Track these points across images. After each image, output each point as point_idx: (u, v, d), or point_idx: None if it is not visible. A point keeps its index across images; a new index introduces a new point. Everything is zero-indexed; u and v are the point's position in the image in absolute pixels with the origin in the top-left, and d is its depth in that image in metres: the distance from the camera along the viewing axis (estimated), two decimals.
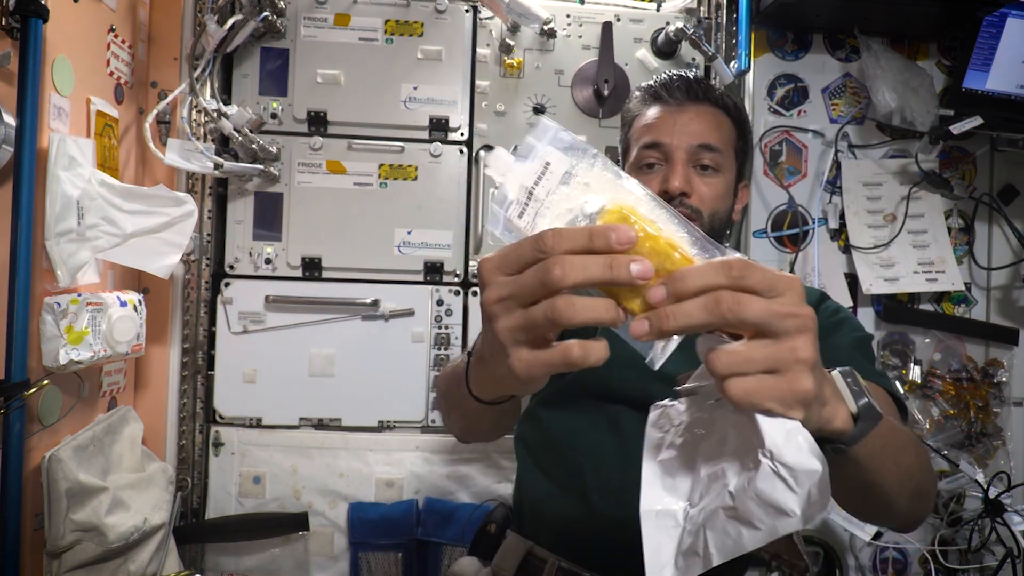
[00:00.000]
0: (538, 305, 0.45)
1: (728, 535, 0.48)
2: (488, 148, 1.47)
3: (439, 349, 1.45)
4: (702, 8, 1.55)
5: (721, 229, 1.01)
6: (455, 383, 0.80)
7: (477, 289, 1.46)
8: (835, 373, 0.58)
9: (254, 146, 1.35)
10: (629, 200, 0.48)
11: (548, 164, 0.48)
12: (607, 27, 1.48)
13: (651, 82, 1.05)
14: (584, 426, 0.97)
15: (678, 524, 0.53)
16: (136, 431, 1.27)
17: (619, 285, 0.44)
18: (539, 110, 1.48)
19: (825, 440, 0.54)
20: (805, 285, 1.10)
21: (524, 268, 0.45)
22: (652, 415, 0.57)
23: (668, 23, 1.49)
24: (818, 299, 1.01)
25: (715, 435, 0.53)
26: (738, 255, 0.45)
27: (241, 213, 1.42)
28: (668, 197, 0.96)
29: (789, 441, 0.48)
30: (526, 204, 0.48)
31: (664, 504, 0.54)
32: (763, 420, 0.49)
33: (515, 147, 1.46)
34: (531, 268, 0.45)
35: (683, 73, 1.03)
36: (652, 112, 1.01)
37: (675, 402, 0.55)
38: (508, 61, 1.48)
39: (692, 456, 0.54)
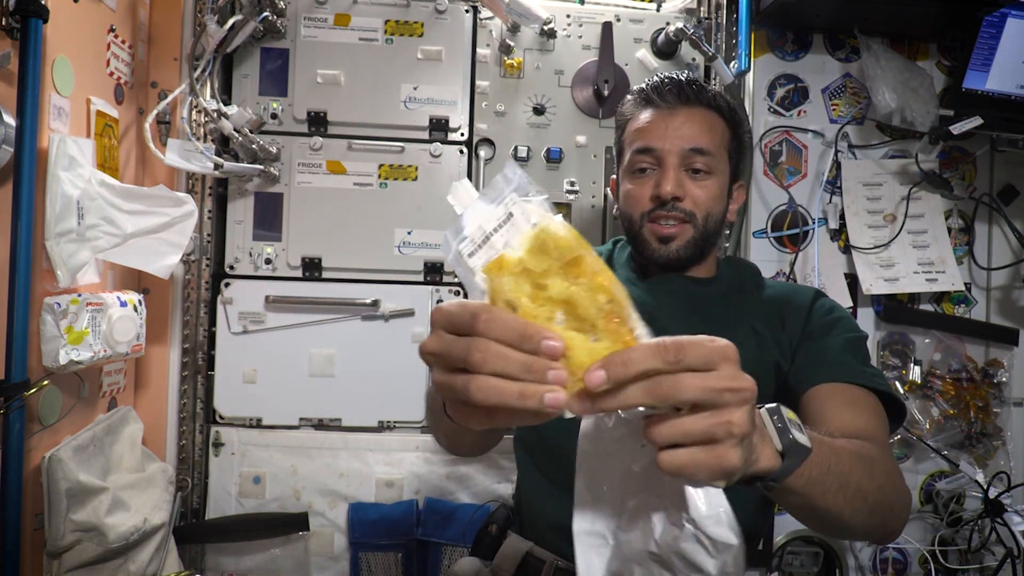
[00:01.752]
0: (460, 377, 0.45)
1: (652, 574, 0.53)
2: (485, 142, 1.47)
3: None
4: (702, 8, 1.55)
5: (716, 231, 1.01)
6: (436, 400, 0.80)
7: None
8: (762, 411, 0.58)
9: (254, 146, 1.35)
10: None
11: (511, 215, 0.49)
12: (607, 27, 1.48)
13: (643, 85, 1.04)
14: (578, 426, 0.98)
15: (607, 543, 0.55)
16: (136, 431, 1.27)
17: (531, 389, 0.44)
18: (539, 110, 1.48)
19: (755, 478, 0.55)
20: (803, 285, 1.11)
21: (460, 333, 0.46)
22: (584, 425, 0.57)
23: (668, 23, 1.49)
24: (812, 297, 1.01)
25: (641, 469, 0.54)
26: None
27: (241, 213, 1.42)
28: (660, 201, 0.97)
29: (711, 512, 0.51)
30: (480, 246, 0.49)
31: (593, 524, 0.56)
32: (689, 487, 0.52)
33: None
34: (461, 340, 0.46)
35: (675, 75, 1.03)
36: (644, 116, 1.01)
37: (604, 416, 0.55)
38: (508, 61, 1.48)
39: (619, 482, 0.55)
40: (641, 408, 0.47)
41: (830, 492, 0.63)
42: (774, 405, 0.59)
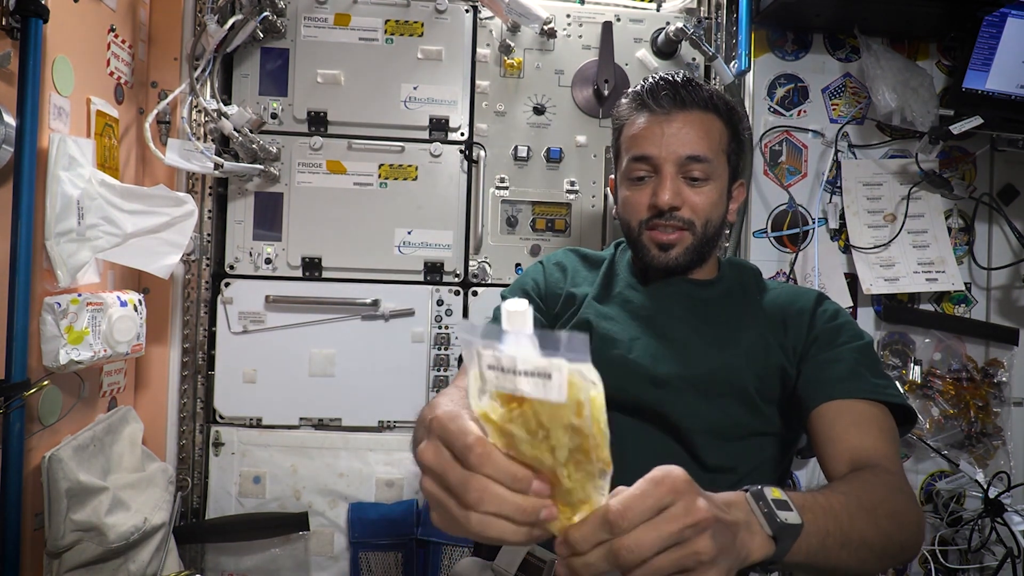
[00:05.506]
0: (458, 508, 0.48)
1: None
2: (479, 146, 1.47)
3: (439, 349, 1.45)
4: (702, 8, 1.55)
5: (716, 235, 1.01)
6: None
7: (477, 289, 1.46)
8: (748, 497, 0.59)
9: (254, 146, 1.35)
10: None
11: (549, 376, 0.46)
12: (607, 27, 1.48)
13: (638, 87, 1.02)
14: None
15: None
16: (136, 431, 1.27)
17: (525, 525, 0.47)
18: (539, 110, 1.48)
19: (751, 568, 0.56)
20: (804, 287, 1.10)
21: (454, 455, 0.48)
22: None
23: (668, 23, 1.49)
24: (814, 302, 1.00)
25: None
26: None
27: (241, 213, 1.42)
28: (658, 211, 0.96)
29: None
30: (503, 371, 0.46)
31: None
32: None
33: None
34: (457, 471, 0.47)
35: (670, 77, 1.00)
36: (640, 122, 0.99)
37: None
38: (508, 61, 1.48)
39: None
40: None
41: (833, 554, 0.63)
42: (757, 488, 0.60)
